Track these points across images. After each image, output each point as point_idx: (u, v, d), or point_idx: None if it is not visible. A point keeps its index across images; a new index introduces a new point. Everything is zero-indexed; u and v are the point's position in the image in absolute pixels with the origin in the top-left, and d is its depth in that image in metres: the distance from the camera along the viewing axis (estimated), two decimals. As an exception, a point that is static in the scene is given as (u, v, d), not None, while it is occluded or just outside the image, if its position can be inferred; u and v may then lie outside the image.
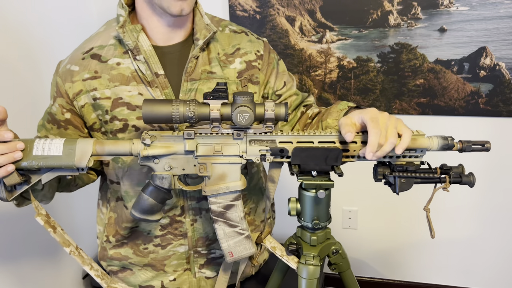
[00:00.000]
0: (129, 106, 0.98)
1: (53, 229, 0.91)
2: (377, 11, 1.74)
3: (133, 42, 0.95)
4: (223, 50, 1.04)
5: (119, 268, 1.16)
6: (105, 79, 0.98)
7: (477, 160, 1.79)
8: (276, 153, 0.86)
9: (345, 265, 1.01)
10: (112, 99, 0.98)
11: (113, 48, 0.99)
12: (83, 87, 0.99)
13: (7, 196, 0.84)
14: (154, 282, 1.14)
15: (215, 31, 1.00)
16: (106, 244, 1.15)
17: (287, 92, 1.11)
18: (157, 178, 0.87)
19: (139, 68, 0.97)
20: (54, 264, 1.70)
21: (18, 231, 1.50)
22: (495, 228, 1.94)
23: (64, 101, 1.01)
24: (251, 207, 1.16)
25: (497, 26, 1.66)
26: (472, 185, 0.85)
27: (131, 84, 0.98)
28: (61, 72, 1.01)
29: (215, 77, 1.01)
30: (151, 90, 0.97)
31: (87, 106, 1.00)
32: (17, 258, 1.52)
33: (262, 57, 1.08)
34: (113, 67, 0.98)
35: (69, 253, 0.93)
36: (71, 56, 1.02)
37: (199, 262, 1.13)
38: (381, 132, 0.78)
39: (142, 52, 0.96)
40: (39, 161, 0.82)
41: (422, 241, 2.03)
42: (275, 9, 1.81)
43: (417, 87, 1.80)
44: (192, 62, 0.99)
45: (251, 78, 1.06)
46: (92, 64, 0.99)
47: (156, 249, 1.11)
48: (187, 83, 0.99)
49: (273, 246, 1.02)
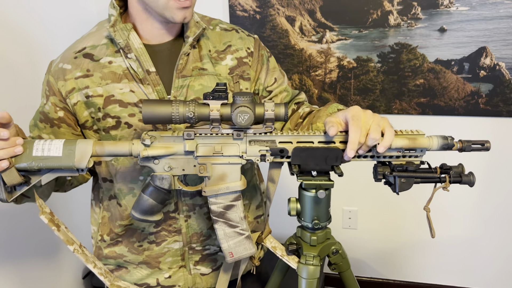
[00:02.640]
0: (121, 103, 0.99)
1: (57, 227, 0.91)
2: (377, 11, 1.74)
3: (124, 40, 0.97)
4: (214, 48, 1.06)
5: (114, 267, 1.16)
6: (97, 77, 0.99)
7: (477, 160, 1.79)
8: (276, 153, 0.86)
9: (345, 265, 1.01)
10: (104, 96, 0.99)
11: (105, 47, 1.01)
12: (75, 85, 1.00)
13: (7, 197, 0.84)
14: (150, 279, 1.14)
15: (204, 27, 1.02)
16: (100, 243, 1.15)
17: (278, 89, 1.12)
18: (157, 178, 0.87)
19: (130, 66, 0.99)
20: (54, 264, 1.70)
21: (18, 231, 1.50)
22: (495, 228, 1.94)
23: (57, 99, 1.02)
24: (244, 204, 1.16)
25: (497, 26, 1.66)
26: (472, 185, 0.85)
27: (122, 81, 0.99)
28: (53, 71, 1.02)
29: (206, 73, 1.03)
30: (143, 87, 0.99)
31: (79, 104, 1.01)
32: (17, 258, 1.52)
33: (252, 54, 1.09)
34: (105, 66, 0.99)
35: (73, 251, 0.93)
36: (62, 56, 1.04)
37: (194, 259, 1.13)
38: (361, 130, 0.78)
39: (133, 50, 0.98)
40: (39, 162, 0.82)
41: (422, 241, 2.03)
42: (275, 9, 1.81)
43: (417, 87, 1.80)
44: (183, 59, 1.00)
45: (242, 74, 1.07)
46: (85, 62, 1.00)
47: (151, 246, 1.11)
48: (178, 80, 1.00)
49: (273, 246, 1.02)
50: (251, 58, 1.09)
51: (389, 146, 0.80)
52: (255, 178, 1.21)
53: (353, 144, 0.78)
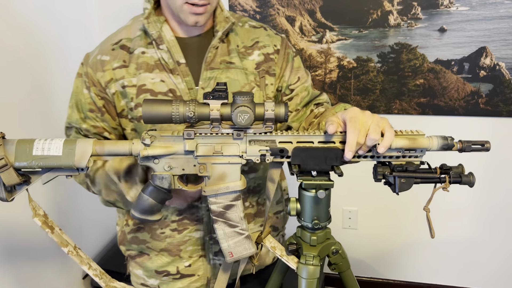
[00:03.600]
0: (152, 92, 1.03)
1: (51, 229, 0.90)
2: (377, 11, 1.74)
3: (157, 32, 1.03)
4: (242, 43, 1.09)
5: (137, 252, 1.18)
6: (132, 68, 1.04)
7: (477, 160, 1.79)
8: (276, 153, 0.86)
9: (345, 265, 1.01)
10: (137, 86, 1.03)
11: (139, 39, 1.06)
12: (113, 75, 1.04)
13: (7, 196, 0.84)
14: (170, 267, 1.16)
15: (233, 22, 1.07)
16: (125, 228, 1.18)
17: (300, 87, 1.14)
18: (157, 178, 0.87)
19: (162, 57, 1.03)
20: (54, 264, 1.70)
21: (18, 231, 1.50)
22: (495, 228, 1.94)
23: (97, 90, 1.06)
24: (265, 198, 1.17)
25: (497, 26, 1.66)
26: (472, 185, 0.85)
27: (154, 71, 1.03)
28: (91, 63, 1.06)
29: (233, 67, 1.06)
30: (173, 77, 1.03)
31: (117, 94, 1.05)
32: (17, 258, 1.52)
33: (279, 52, 1.12)
34: (139, 56, 1.04)
35: (67, 253, 0.92)
36: (100, 48, 1.08)
37: (214, 249, 1.14)
38: (360, 131, 0.79)
39: (165, 42, 1.03)
40: (38, 161, 0.82)
41: (422, 241, 2.03)
42: (275, 9, 1.81)
43: (417, 87, 1.80)
44: (212, 52, 1.04)
45: (268, 70, 1.10)
46: (121, 54, 1.05)
47: (173, 233, 1.12)
48: (206, 72, 1.04)
49: (273, 246, 1.01)
50: (277, 55, 1.11)
51: (389, 146, 0.80)
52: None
53: (350, 146, 0.79)
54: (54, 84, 1.71)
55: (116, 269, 1.81)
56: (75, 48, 1.80)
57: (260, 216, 1.18)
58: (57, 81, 1.72)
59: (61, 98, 1.74)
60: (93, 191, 1.09)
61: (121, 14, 1.86)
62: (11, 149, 0.82)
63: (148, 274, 1.18)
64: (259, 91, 1.07)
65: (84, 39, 1.87)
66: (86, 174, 1.06)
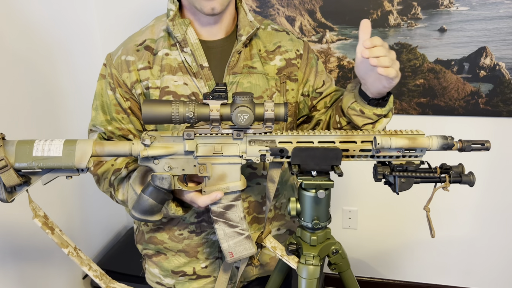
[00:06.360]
0: (174, 95, 1.02)
1: (51, 230, 0.90)
2: (377, 11, 1.74)
3: (182, 34, 1.01)
4: (264, 47, 1.08)
5: (154, 252, 1.18)
6: (156, 70, 1.03)
7: (477, 160, 1.80)
8: (276, 153, 0.86)
9: (345, 265, 1.01)
10: (161, 88, 1.02)
11: (162, 40, 1.04)
12: (138, 76, 1.03)
13: (7, 197, 0.84)
14: (187, 268, 1.15)
15: (258, 27, 1.05)
16: (143, 227, 1.17)
17: (328, 89, 1.13)
18: (157, 178, 0.87)
19: (185, 60, 1.02)
20: (54, 264, 1.70)
21: (18, 231, 1.50)
22: (495, 228, 1.94)
23: (123, 91, 1.04)
24: (282, 202, 1.17)
25: (497, 26, 1.66)
26: (472, 185, 0.85)
27: (177, 74, 1.02)
28: (115, 64, 1.05)
29: (255, 72, 1.05)
30: (196, 81, 1.02)
31: (142, 95, 1.04)
32: (17, 258, 1.52)
33: (302, 56, 1.11)
34: (163, 58, 1.03)
35: (67, 254, 0.92)
36: (124, 48, 1.06)
37: None
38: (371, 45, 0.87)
39: (189, 45, 1.01)
40: (39, 162, 0.82)
41: (422, 241, 2.03)
42: (275, 9, 1.81)
43: (417, 87, 1.80)
44: (235, 57, 1.03)
45: (289, 75, 1.09)
46: (146, 55, 1.04)
47: (191, 235, 1.12)
48: (229, 76, 1.03)
49: (273, 246, 1.02)
50: (300, 60, 1.11)
51: (375, 43, 0.87)
52: (292, 178, 1.22)
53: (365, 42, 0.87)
54: (57, 85, 1.71)
55: (117, 269, 1.82)
56: (79, 49, 1.80)
57: (278, 220, 1.18)
58: (61, 82, 1.72)
59: (65, 99, 1.74)
60: (116, 201, 1.08)
61: (121, 15, 1.87)
62: (11, 150, 0.82)
63: (164, 274, 1.18)
64: (279, 97, 1.07)
65: (86, 40, 1.88)
66: (110, 183, 1.05)
